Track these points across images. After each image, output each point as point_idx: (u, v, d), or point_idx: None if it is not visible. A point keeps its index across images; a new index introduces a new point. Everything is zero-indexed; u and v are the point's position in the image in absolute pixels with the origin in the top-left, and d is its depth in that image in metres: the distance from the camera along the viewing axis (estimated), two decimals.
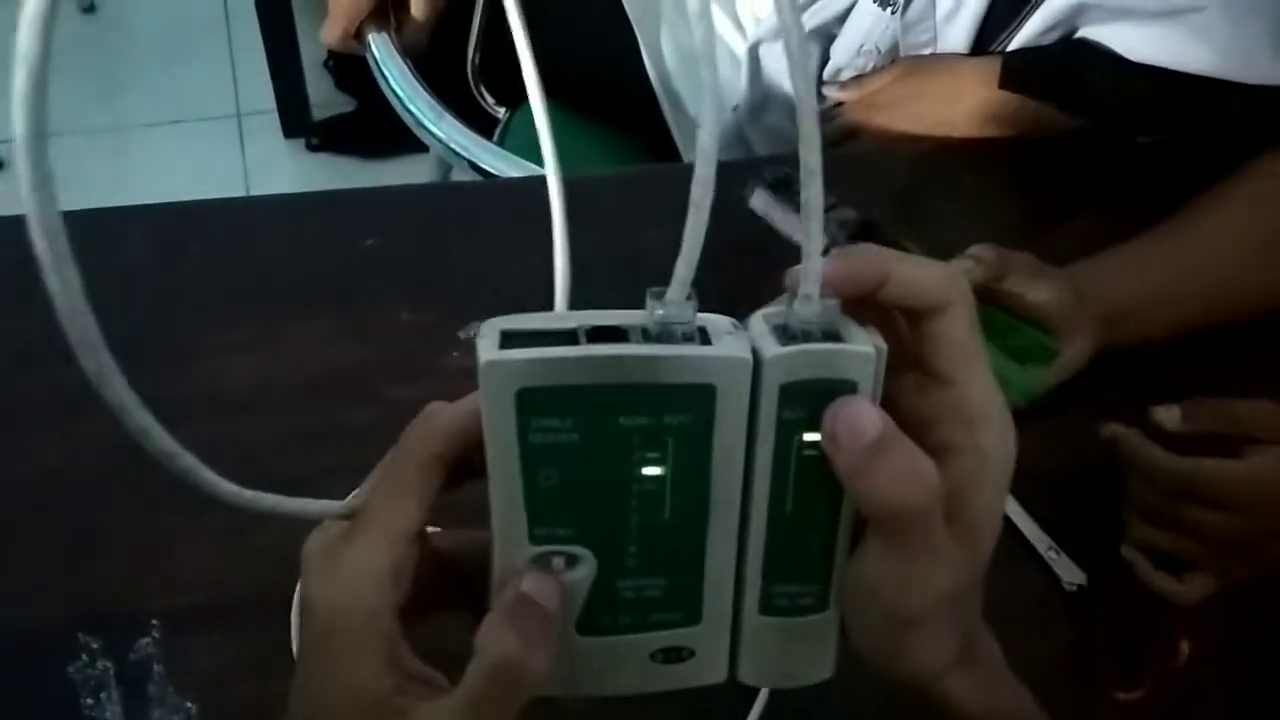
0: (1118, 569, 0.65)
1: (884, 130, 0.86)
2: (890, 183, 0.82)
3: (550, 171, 0.37)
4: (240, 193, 1.81)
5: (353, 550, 0.31)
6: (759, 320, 0.31)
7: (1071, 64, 0.82)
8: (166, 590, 0.58)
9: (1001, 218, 0.83)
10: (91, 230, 0.72)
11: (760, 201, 0.51)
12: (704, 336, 0.30)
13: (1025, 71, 0.82)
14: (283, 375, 0.69)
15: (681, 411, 0.30)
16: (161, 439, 0.26)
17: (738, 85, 0.97)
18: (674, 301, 0.29)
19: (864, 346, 0.30)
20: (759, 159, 0.70)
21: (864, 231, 0.59)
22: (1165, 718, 0.61)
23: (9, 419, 0.65)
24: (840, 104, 0.90)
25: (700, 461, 0.31)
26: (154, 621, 0.57)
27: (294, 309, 0.72)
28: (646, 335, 0.29)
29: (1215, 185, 0.74)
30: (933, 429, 0.32)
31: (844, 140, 0.88)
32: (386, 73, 0.92)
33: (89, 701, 0.55)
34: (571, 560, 0.32)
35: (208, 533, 0.60)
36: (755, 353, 0.30)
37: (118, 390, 0.24)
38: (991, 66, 0.83)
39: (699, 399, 0.30)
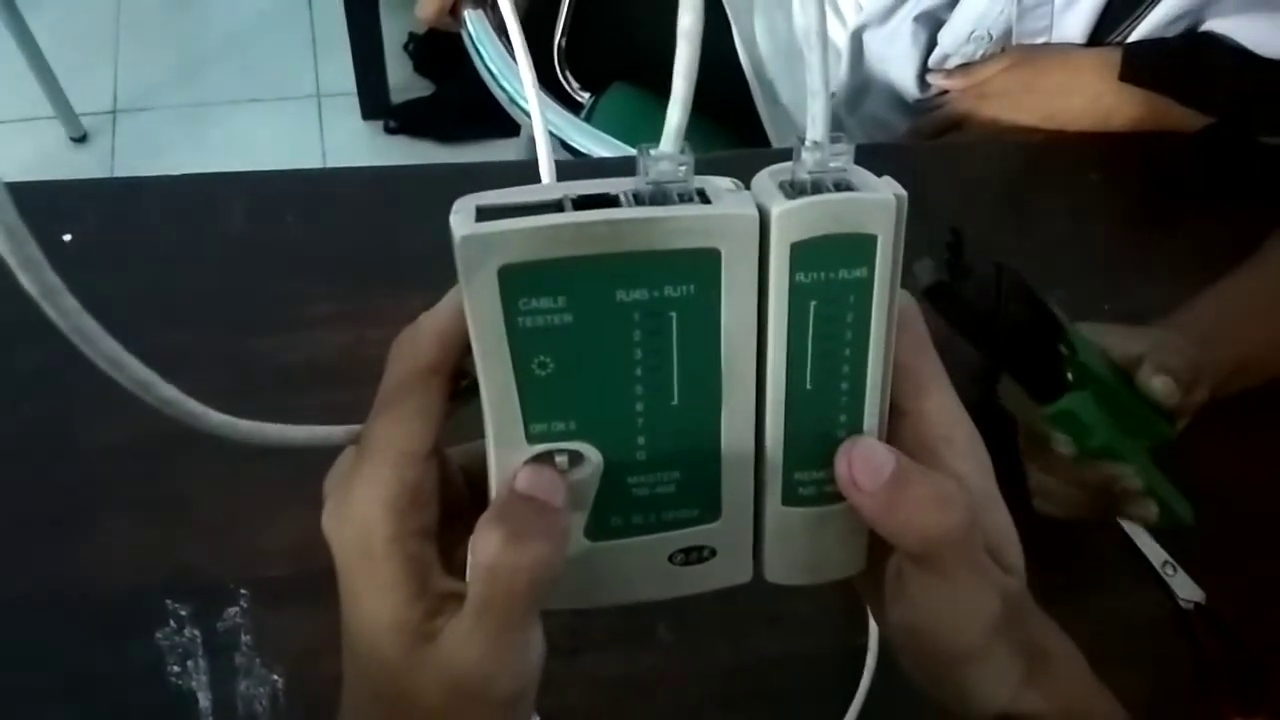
0: (1238, 587, 0.62)
1: (992, 121, 0.82)
2: (997, 176, 0.79)
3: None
4: None
5: (358, 482, 0.29)
6: (763, 177, 0.28)
7: (1196, 58, 0.78)
8: (257, 561, 0.57)
9: (1116, 217, 0.79)
10: (187, 197, 0.72)
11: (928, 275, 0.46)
12: (703, 197, 0.27)
13: (1148, 64, 0.78)
14: (372, 350, 0.68)
15: (684, 281, 0.27)
16: (136, 369, 0.24)
17: (837, 73, 0.94)
18: (667, 157, 0.26)
19: (882, 194, 0.27)
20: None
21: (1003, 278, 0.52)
22: None
23: (101, 383, 0.64)
24: (945, 92, 0.87)
25: (708, 337, 0.28)
26: (243, 592, 0.56)
27: (387, 286, 0.71)
28: (639, 199, 0.27)
29: None
30: None
31: (948, 130, 0.85)
32: (481, 50, 0.91)
33: (175, 669, 0.55)
34: (576, 458, 0.29)
35: (299, 503, 0.58)
36: (761, 209, 0.27)
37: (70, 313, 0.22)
38: (1110, 58, 0.79)
39: (702, 266, 0.27)
